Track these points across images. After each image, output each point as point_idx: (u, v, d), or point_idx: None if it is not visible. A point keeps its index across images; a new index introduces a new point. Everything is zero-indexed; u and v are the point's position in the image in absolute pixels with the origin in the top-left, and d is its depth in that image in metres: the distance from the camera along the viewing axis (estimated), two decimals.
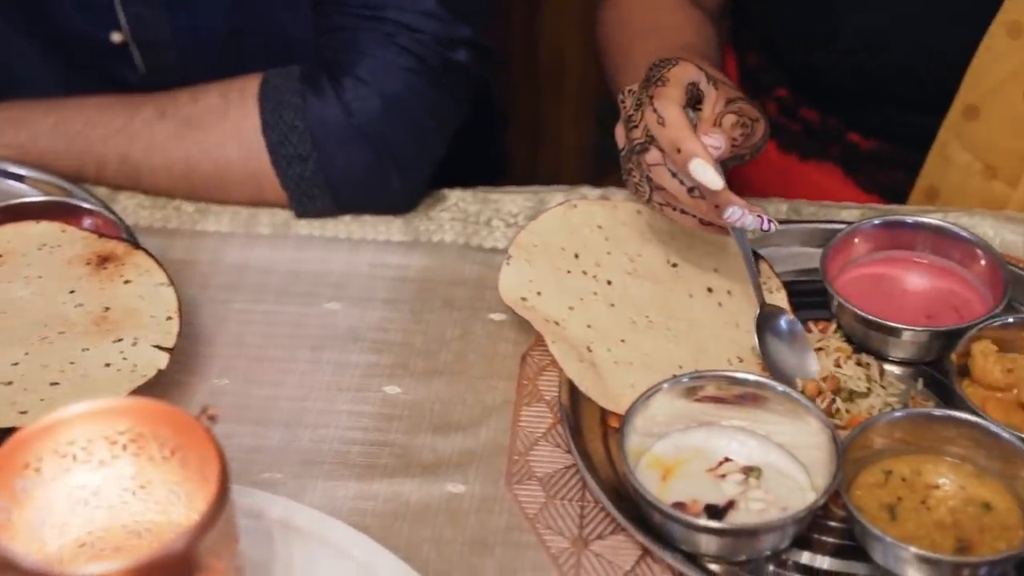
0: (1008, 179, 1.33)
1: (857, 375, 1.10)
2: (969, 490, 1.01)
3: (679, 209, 1.08)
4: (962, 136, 1.33)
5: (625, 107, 1.09)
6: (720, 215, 1.04)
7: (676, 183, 1.05)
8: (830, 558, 1.00)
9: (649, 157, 1.05)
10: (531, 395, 1.11)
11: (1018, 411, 1.05)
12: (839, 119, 1.42)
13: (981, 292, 1.15)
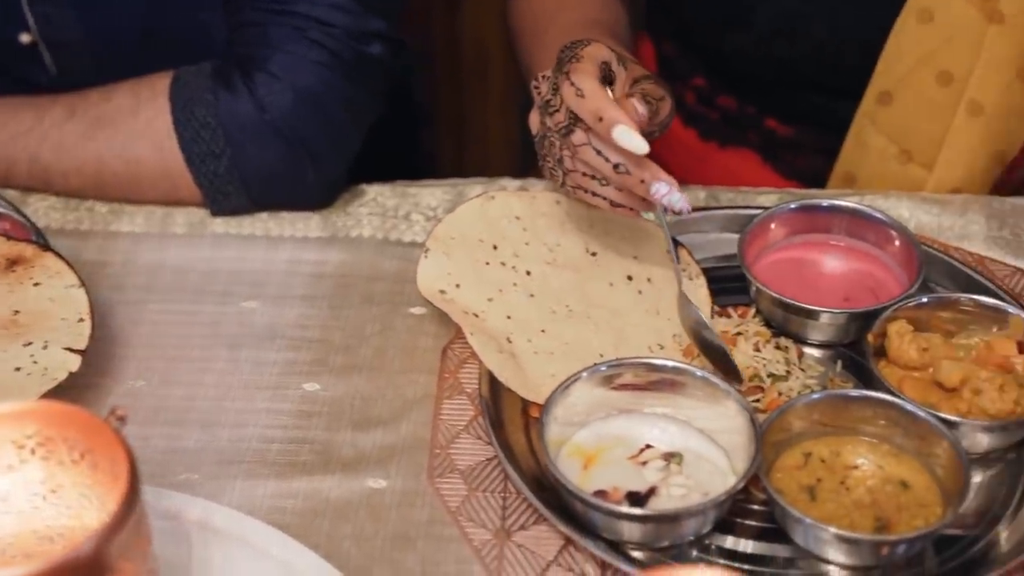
0: (923, 162, 1.34)
1: (776, 359, 1.11)
2: (887, 469, 1.02)
3: (591, 192, 1.07)
4: (877, 121, 1.34)
5: (540, 92, 1.09)
6: (647, 191, 1.04)
7: (601, 160, 1.04)
8: (753, 541, 1.00)
9: (575, 138, 1.05)
10: (452, 388, 1.10)
11: (934, 390, 1.06)
12: (756, 106, 1.43)
13: (897, 273, 1.15)
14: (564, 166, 1.07)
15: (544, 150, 1.08)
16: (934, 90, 1.31)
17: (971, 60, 1.29)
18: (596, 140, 1.04)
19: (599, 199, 1.08)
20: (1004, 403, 1.02)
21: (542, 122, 1.08)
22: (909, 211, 1.26)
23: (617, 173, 1.04)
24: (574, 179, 1.07)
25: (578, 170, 1.06)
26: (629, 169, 1.03)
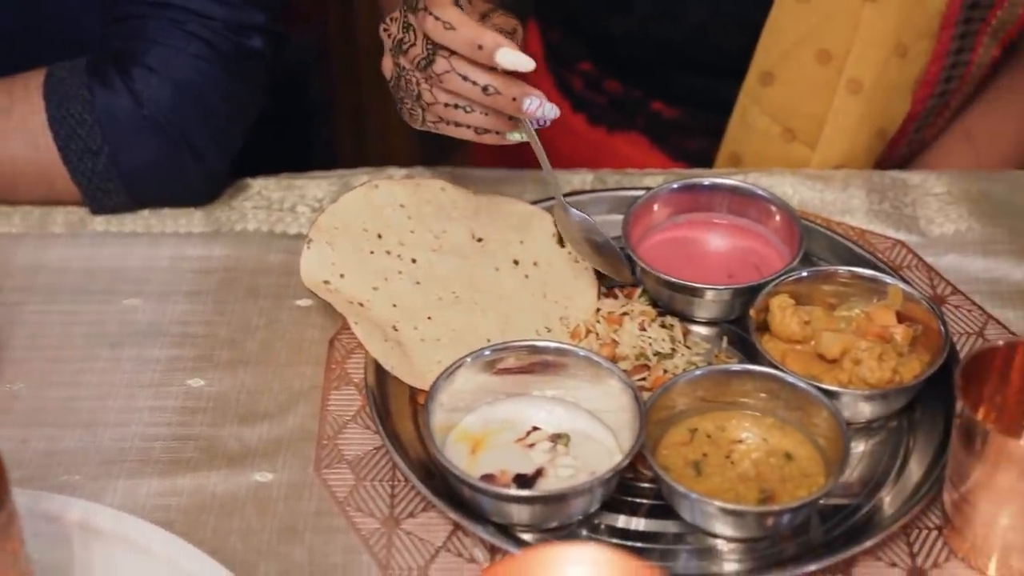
0: (807, 141, 1.36)
1: (662, 337, 1.11)
2: (771, 442, 1.03)
3: (455, 123, 1.06)
4: (760, 101, 1.36)
5: (391, 34, 1.07)
6: (518, 108, 1.04)
7: (469, 85, 1.03)
8: (642, 519, 1.01)
9: (437, 67, 1.03)
10: (340, 379, 1.09)
11: (816, 362, 1.07)
12: (642, 89, 1.44)
13: (779, 248, 1.17)
14: (423, 100, 1.06)
15: (401, 91, 1.07)
16: (814, 69, 1.32)
17: (849, 38, 1.31)
18: (462, 65, 1.03)
19: (463, 129, 1.07)
20: (883, 372, 1.04)
21: (395, 64, 1.07)
22: (792, 188, 1.28)
23: (487, 95, 1.03)
24: (436, 111, 1.06)
25: (440, 102, 1.05)
26: (499, 89, 1.03)
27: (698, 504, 0.97)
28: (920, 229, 1.23)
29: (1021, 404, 0.97)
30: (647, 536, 1.00)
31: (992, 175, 1.28)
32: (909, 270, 1.19)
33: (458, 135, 1.08)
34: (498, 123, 1.06)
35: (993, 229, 1.22)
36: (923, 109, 1.37)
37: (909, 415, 1.06)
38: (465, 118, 1.06)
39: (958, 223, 1.23)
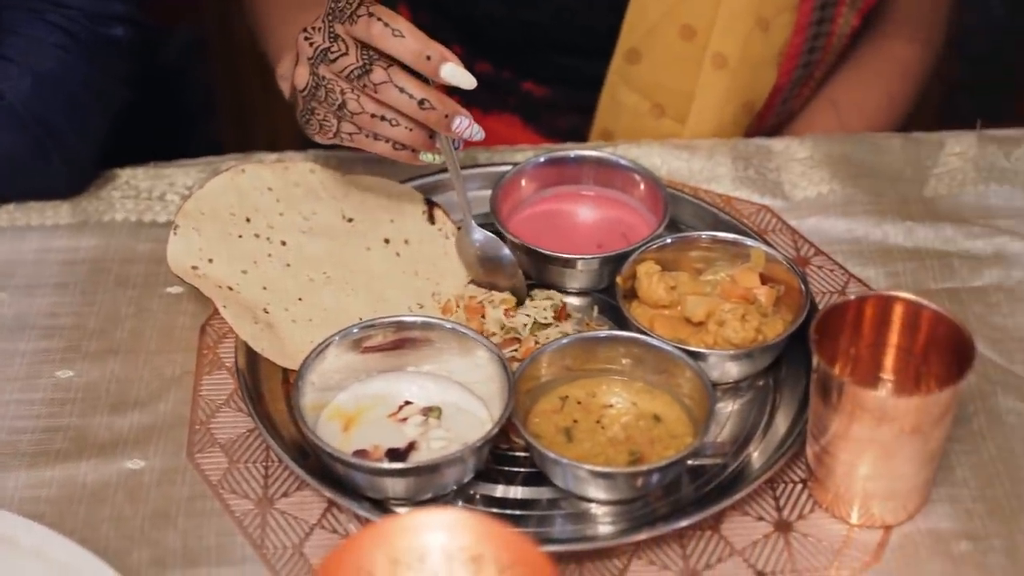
0: (676, 116, 1.38)
1: (543, 306, 1.13)
2: (640, 405, 1.04)
3: (375, 135, 1.06)
4: (628, 79, 1.37)
5: (314, 43, 1.06)
6: (448, 125, 1.05)
7: (405, 98, 1.04)
8: (519, 487, 1.02)
9: (375, 76, 1.03)
10: (212, 364, 1.09)
11: (683, 325, 1.09)
12: (512, 70, 1.45)
13: (645, 217, 1.19)
14: (348, 110, 1.05)
15: (315, 102, 1.07)
16: (679, 45, 1.34)
17: (711, 13, 1.33)
18: (400, 77, 1.03)
19: (380, 143, 1.07)
20: (747, 332, 1.06)
21: (314, 74, 1.06)
22: (660, 158, 1.29)
23: (422, 109, 1.04)
24: (359, 122, 1.06)
25: (367, 112, 1.05)
26: (434, 104, 1.04)
27: (569, 469, 0.98)
28: (784, 193, 1.25)
29: (874, 356, 1.00)
30: (523, 504, 1.01)
31: (853, 138, 1.31)
32: (774, 233, 1.21)
33: (373, 149, 1.08)
34: (419, 140, 1.07)
35: (854, 190, 1.25)
36: (789, 81, 1.40)
37: (775, 374, 1.09)
38: (389, 131, 1.06)
39: (820, 186, 1.26)
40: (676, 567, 0.96)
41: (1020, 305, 1.14)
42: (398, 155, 1.08)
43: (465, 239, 1.14)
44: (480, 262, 1.13)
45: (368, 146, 1.08)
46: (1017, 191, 1.24)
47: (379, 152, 1.08)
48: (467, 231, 1.13)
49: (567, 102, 1.44)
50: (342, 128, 1.07)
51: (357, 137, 1.07)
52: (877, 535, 0.97)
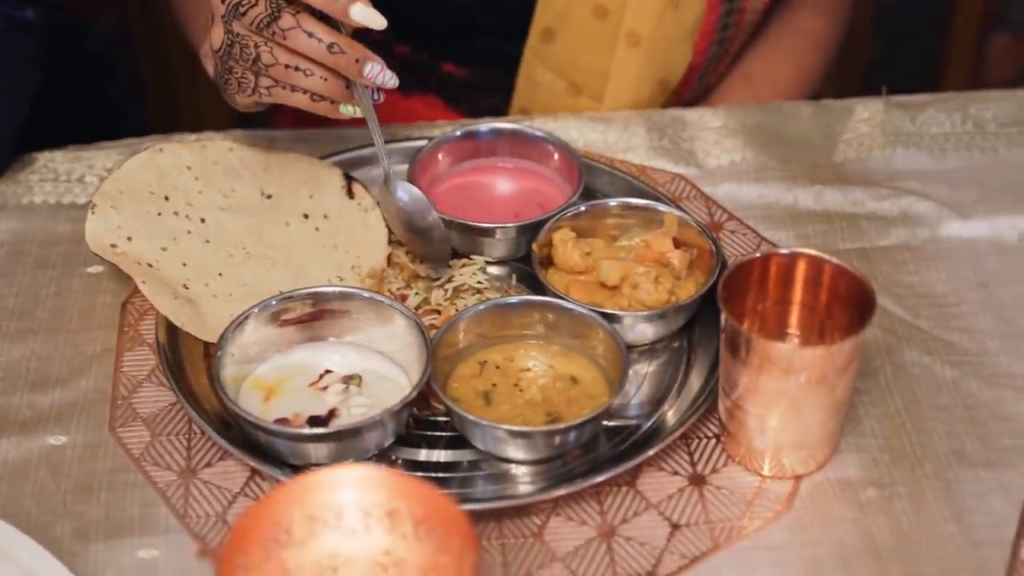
0: (592, 95, 1.40)
1: (472, 271, 1.14)
2: (557, 368, 1.06)
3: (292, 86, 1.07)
4: (544, 58, 1.39)
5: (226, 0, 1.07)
6: (359, 71, 1.05)
7: (314, 42, 1.04)
8: (440, 451, 1.03)
9: (283, 22, 1.04)
10: (133, 340, 1.10)
11: (599, 290, 1.11)
12: (431, 52, 1.46)
13: (561, 186, 1.21)
14: (262, 62, 1.06)
15: (232, 60, 1.07)
16: (592, 24, 1.36)
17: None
18: (308, 22, 1.04)
19: (298, 95, 1.07)
20: (660, 294, 1.08)
21: (228, 31, 1.07)
22: (577, 131, 1.31)
23: (331, 54, 1.04)
24: (274, 73, 1.06)
25: (280, 62, 1.05)
26: (343, 49, 1.04)
27: (488, 431, 1.00)
28: (698, 162, 1.28)
29: (780, 312, 1.02)
30: (445, 467, 1.03)
31: (764, 107, 1.34)
32: (688, 200, 1.24)
33: (291, 102, 1.08)
34: (335, 90, 1.07)
35: (766, 157, 1.28)
36: (704, 58, 1.43)
37: (689, 335, 1.11)
38: (303, 81, 1.06)
39: (733, 154, 1.29)
40: (594, 522, 0.98)
41: (925, 263, 1.17)
42: (316, 107, 1.08)
43: (387, 194, 1.14)
44: (403, 221, 1.14)
45: (286, 99, 1.08)
46: (923, 153, 1.27)
47: (298, 104, 1.08)
48: (389, 185, 1.14)
49: (487, 83, 1.46)
50: (260, 83, 1.08)
51: (275, 91, 1.08)
52: (788, 485, 1.00)
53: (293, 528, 0.82)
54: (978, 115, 1.30)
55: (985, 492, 0.99)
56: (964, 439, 1.03)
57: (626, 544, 0.97)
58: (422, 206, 1.13)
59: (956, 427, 1.03)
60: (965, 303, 1.13)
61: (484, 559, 0.96)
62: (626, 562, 0.96)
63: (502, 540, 0.97)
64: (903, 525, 0.97)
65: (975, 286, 1.15)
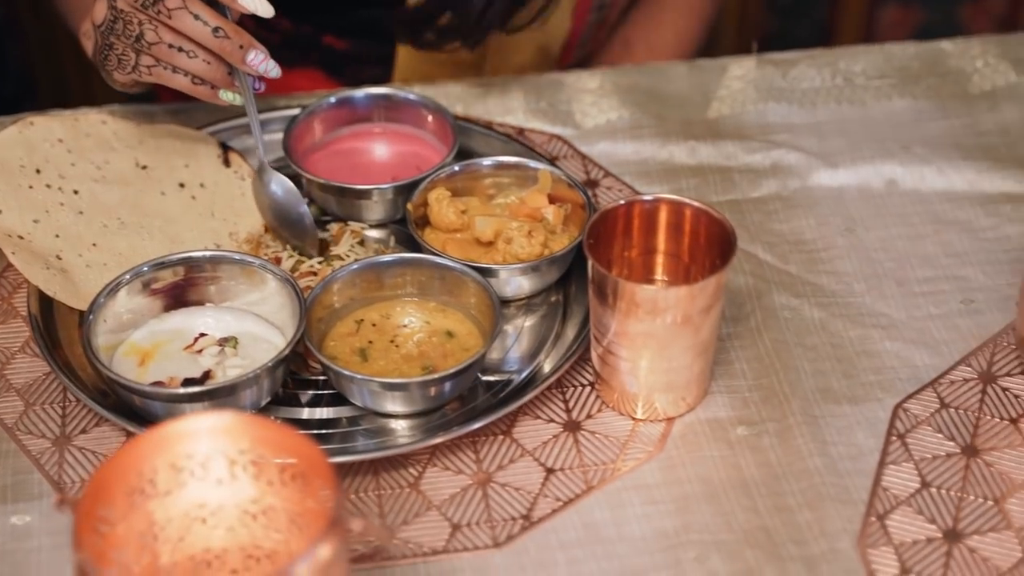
0: (473, 64, 1.40)
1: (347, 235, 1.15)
2: (433, 323, 1.07)
3: (173, 67, 1.07)
4: None
5: None
6: (242, 58, 1.06)
7: (200, 25, 1.04)
8: (320, 408, 1.04)
9: (169, 2, 1.04)
10: (6, 313, 1.09)
11: (475, 246, 1.13)
12: (312, 25, 1.46)
13: (437, 148, 1.22)
14: (145, 40, 1.06)
15: (113, 36, 1.07)
16: None
17: None
18: (194, 4, 1.04)
19: (179, 77, 1.07)
20: (533, 247, 1.10)
21: (111, 7, 1.07)
22: (456, 96, 1.32)
23: (216, 38, 1.05)
24: (157, 53, 1.06)
25: (164, 41, 1.05)
26: (228, 34, 1.05)
27: (364, 385, 1.01)
28: (575, 123, 1.29)
29: (645, 257, 1.04)
30: (325, 423, 1.03)
31: (641, 68, 1.36)
32: (565, 160, 1.25)
33: (172, 83, 1.08)
34: (217, 74, 1.07)
35: (641, 116, 1.30)
36: (584, 26, 1.44)
37: (566, 288, 1.13)
38: (185, 63, 1.06)
39: (609, 114, 1.30)
40: (470, 471, 0.99)
41: (795, 211, 1.20)
42: (197, 90, 1.09)
43: (260, 184, 1.15)
44: (274, 212, 1.14)
45: (167, 79, 1.08)
46: (794, 107, 1.30)
47: (178, 86, 1.09)
48: (263, 175, 1.15)
49: (368, 54, 1.46)
50: (140, 61, 1.08)
51: (156, 70, 1.08)
52: (661, 427, 1.02)
53: (158, 479, 0.82)
54: (847, 69, 1.33)
55: (850, 425, 1.01)
56: (830, 376, 1.05)
57: (501, 490, 0.98)
58: (294, 198, 1.14)
59: (823, 365, 1.06)
60: (833, 248, 1.16)
61: (360, 509, 0.96)
62: (501, 507, 0.97)
63: (379, 491, 0.98)
64: (771, 459, 0.99)
65: (843, 231, 1.17)
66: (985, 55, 1.33)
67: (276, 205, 1.14)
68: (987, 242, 1.15)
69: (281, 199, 1.14)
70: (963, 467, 0.98)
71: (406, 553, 0.94)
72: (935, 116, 1.28)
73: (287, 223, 1.14)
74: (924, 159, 1.23)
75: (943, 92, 1.30)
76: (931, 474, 0.98)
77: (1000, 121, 1.27)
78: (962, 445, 0.99)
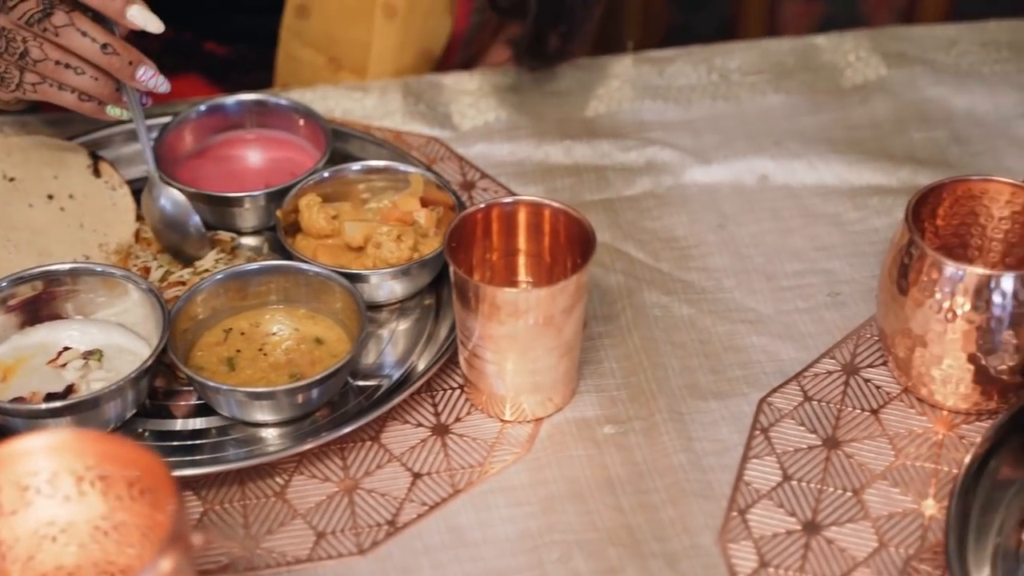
0: (354, 68, 1.40)
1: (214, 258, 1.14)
2: (303, 331, 1.07)
3: (60, 84, 1.06)
4: (301, 34, 1.39)
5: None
6: (132, 74, 1.06)
7: (88, 42, 1.04)
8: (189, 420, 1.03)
9: (56, 19, 1.03)
10: None
11: (346, 252, 1.12)
12: (193, 31, 1.45)
13: (311, 153, 1.21)
14: (30, 58, 1.05)
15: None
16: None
17: None
18: (82, 21, 1.03)
19: (65, 94, 1.07)
20: (402, 251, 1.10)
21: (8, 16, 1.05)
22: (335, 101, 1.32)
23: (104, 55, 1.04)
24: (43, 70, 1.05)
25: (50, 59, 1.04)
26: (117, 51, 1.04)
27: (229, 395, 1.01)
28: (453, 124, 1.30)
29: (507, 259, 1.05)
30: (194, 435, 1.03)
31: (519, 68, 1.36)
32: (442, 162, 1.25)
33: (58, 100, 1.07)
34: (105, 91, 1.07)
35: (519, 117, 1.30)
36: (466, 27, 1.44)
37: (438, 291, 1.13)
38: (74, 80, 1.05)
39: (487, 115, 1.30)
40: (337, 477, 0.99)
41: (668, 208, 1.20)
42: (84, 107, 1.08)
43: (150, 200, 1.14)
44: (165, 226, 1.13)
45: (53, 97, 1.07)
46: (669, 105, 1.31)
47: (65, 103, 1.08)
48: (152, 190, 1.13)
49: (251, 60, 1.45)
50: (25, 79, 1.07)
51: (41, 88, 1.07)
52: (529, 428, 1.03)
53: (2, 498, 0.81)
54: (723, 66, 1.34)
55: (715, 421, 1.02)
56: (697, 373, 1.06)
57: (368, 496, 0.98)
58: (184, 211, 1.13)
59: (691, 362, 1.07)
60: (704, 244, 1.17)
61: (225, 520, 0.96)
62: (367, 513, 0.97)
63: (244, 502, 0.98)
64: (636, 458, 1.00)
65: (714, 228, 1.18)
66: (858, 49, 1.35)
67: (166, 219, 1.13)
68: (854, 235, 1.17)
69: (171, 213, 1.13)
70: (824, 459, 0.99)
71: (269, 563, 0.94)
72: (808, 111, 1.29)
73: (178, 236, 1.13)
74: (796, 154, 1.24)
75: (816, 87, 1.32)
76: (792, 467, 0.99)
77: (870, 114, 1.28)
78: (824, 437, 1.01)
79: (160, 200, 1.13)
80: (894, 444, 1.00)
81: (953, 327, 0.97)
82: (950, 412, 1.01)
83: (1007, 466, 0.96)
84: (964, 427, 1.01)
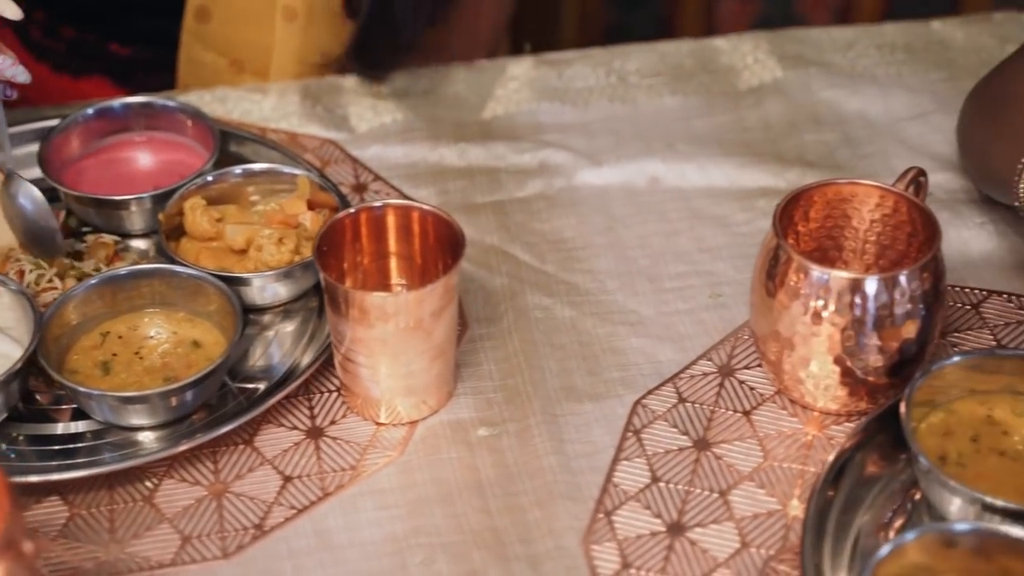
0: (256, 71, 1.40)
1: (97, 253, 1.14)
2: (180, 334, 1.07)
3: None
4: (202, 38, 1.39)
5: None
6: None
7: None
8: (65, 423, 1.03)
9: None
10: None
11: (229, 255, 1.12)
12: (96, 33, 1.45)
13: (202, 155, 1.21)
14: None
15: None
16: (248, 1, 1.36)
17: None
18: None
19: None
20: (283, 254, 1.10)
21: None
22: (233, 103, 1.32)
23: None
24: None
25: None
26: None
27: (101, 400, 1.00)
28: (350, 127, 1.29)
29: (379, 262, 1.05)
30: (70, 439, 1.02)
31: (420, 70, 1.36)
32: (336, 164, 1.25)
33: None
34: None
35: (415, 118, 1.30)
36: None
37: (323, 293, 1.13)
38: None
39: (384, 117, 1.30)
40: (207, 481, 0.99)
41: (557, 210, 1.21)
42: None
43: (7, 196, 1.13)
44: (23, 225, 1.12)
45: None
46: (566, 107, 1.31)
47: None
48: (10, 187, 1.13)
49: (155, 62, 1.45)
50: None
51: None
52: (403, 431, 1.03)
53: None
54: (621, 68, 1.35)
55: (588, 423, 1.03)
56: (575, 375, 1.06)
57: (237, 500, 0.98)
58: (43, 211, 1.12)
59: (569, 364, 1.07)
60: (591, 246, 1.17)
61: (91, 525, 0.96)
62: (235, 518, 0.97)
63: (112, 506, 0.98)
64: (507, 460, 1.00)
65: (603, 230, 1.19)
66: (756, 51, 1.35)
67: (25, 218, 1.12)
68: (740, 236, 1.17)
69: (30, 212, 1.12)
70: (693, 461, 1.00)
71: (132, 567, 0.94)
72: (703, 113, 1.30)
73: (37, 237, 1.12)
74: (687, 156, 1.25)
75: (713, 89, 1.32)
76: (661, 469, 0.99)
77: (764, 116, 1.29)
78: (694, 439, 1.01)
79: (19, 198, 1.11)
80: (763, 445, 1.00)
81: (819, 330, 0.97)
82: (821, 413, 1.02)
83: (872, 465, 0.96)
84: (834, 428, 1.01)
